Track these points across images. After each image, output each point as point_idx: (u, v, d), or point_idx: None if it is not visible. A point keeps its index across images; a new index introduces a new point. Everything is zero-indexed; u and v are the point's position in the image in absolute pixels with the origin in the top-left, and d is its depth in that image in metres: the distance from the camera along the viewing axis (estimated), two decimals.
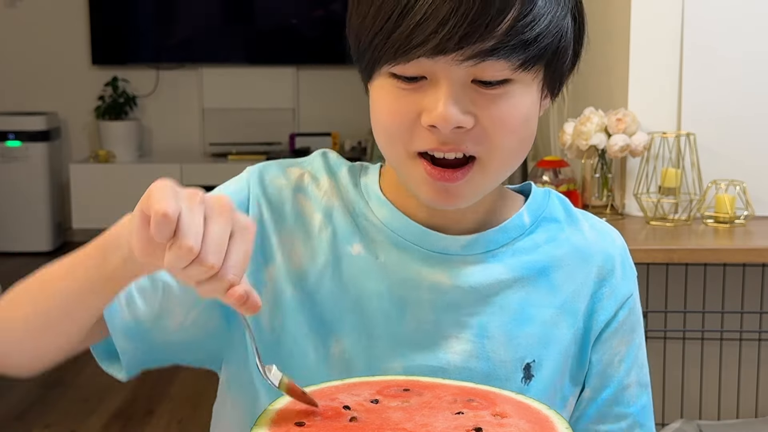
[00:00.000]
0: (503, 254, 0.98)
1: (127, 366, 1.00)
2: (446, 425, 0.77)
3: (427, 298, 0.96)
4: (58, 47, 6.15)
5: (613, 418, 1.02)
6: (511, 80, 0.87)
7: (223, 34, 6.18)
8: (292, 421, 0.77)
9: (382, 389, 0.85)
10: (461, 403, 0.82)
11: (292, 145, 6.02)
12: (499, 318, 0.97)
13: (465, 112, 0.87)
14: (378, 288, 0.96)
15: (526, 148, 0.93)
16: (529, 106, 0.90)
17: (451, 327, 0.97)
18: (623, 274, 1.03)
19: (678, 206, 2.36)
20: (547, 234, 1.01)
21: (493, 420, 0.79)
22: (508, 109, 0.88)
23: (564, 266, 1.00)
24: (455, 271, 0.97)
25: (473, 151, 0.89)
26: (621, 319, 1.01)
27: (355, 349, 0.96)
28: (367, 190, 1.00)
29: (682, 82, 2.45)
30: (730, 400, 2.49)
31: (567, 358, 0.99)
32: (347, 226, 0.98)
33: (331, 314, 0.97)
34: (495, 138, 0.88)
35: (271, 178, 1.00)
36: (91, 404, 3.58)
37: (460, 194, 0.91)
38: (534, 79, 0.89)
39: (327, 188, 1.00)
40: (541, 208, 1.02)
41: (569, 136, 2.47)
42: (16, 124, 5.84)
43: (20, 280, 0.96)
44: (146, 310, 0.97)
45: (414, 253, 0.97)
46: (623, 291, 1.02)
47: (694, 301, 2.44)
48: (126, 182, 5.81)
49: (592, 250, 1.02)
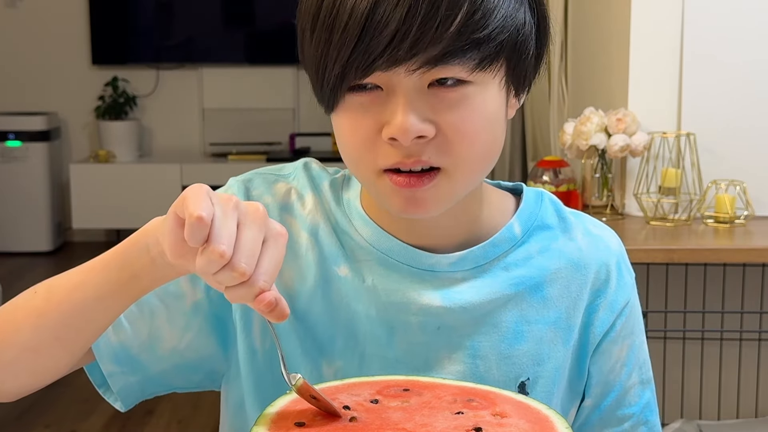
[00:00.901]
0: (494, 269, 0.95)
1: (120, 393, 0.98)
2: (446, 425, 0.77)
3: (416, 321, 0.94)
4: (58, 47, 6.15)
5: (617, 421, 1.01)
6: (468, 82, 0.84)
7: (223, 34, 6.18)
8: (292, 421, 0.77)
9: (382, 389, 0.85)
10: (461, 403, 0.82)
11: (292, 145, 6.02)
12: (492, 337, 0.95)
13: (424, 120, 0.83)
14: (366, 311, 0.95)
15: (494, 152, 0.89)
16: (492, 109, 0.86)
17: (443, 348, 0.95)
18: (619, 282, 1.00)
19: (678, 206, 2.36)
20: (539, 244, 0.98)
21: (493, 420, 0.79)
22: (468, 114, 0.85)
23: (558, 279, 0.97)
24: (444, 291, 0.94)
25: (437, 162, 0.85)
26: (619, 328, 0.99)
27: (347, 369, 0.95)
28: (350, 207, 0.98)
29: (682, 82, 2.45)
30: (730, 400, 2.49)
31: (563, 372, 0.98)
32: (333, 247, 0.96)
33: (322, 335, 0.96)
34: (458, 147, 0.85)
35: (258, 195, 0.98)
36: (91, 404, 3.58)
37: (428, 201, 0.88)
38: (494, 78, 0.86)
39: (311, 206, 0.98)
40: (533, 215, 0.99)
41: (569, 136, 2.47)
42: (16, 124, 5.84)
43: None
44: (133, 335, 0.96)
45: (402, 273, 0.94)
46: (620, 300, 0.99)
47: (694, 301, 2.44)
48: (126, 182, 5.81)
49: (586, 260, 0.98)
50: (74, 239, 6.22)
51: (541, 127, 3.86)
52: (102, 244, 6.18)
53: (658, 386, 2.45)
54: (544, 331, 0.96)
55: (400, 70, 0.82)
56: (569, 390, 1.00)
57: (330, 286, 0.96)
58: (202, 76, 6.19)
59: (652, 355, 2.47)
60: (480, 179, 0.92)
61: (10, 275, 5.23)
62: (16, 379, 0.91)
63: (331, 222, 0.97)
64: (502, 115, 0.89)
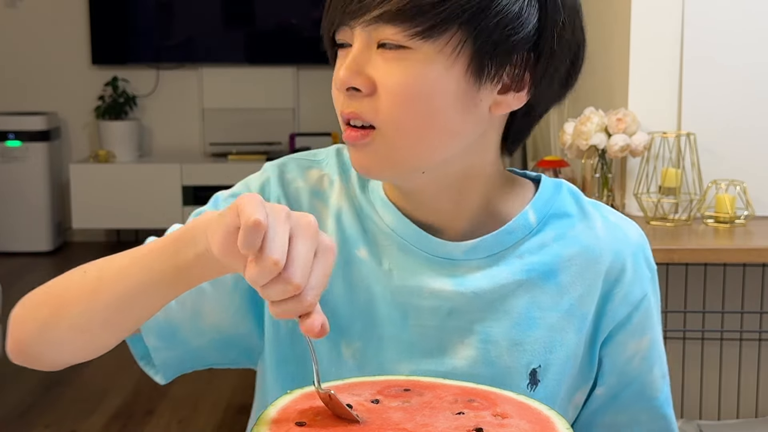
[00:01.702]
0: (508, 257, 0.96)
1: (161, 367, 1.00)
2: (447, 425, 0.77)
3: (429, 304, 0.96)
4: (58, 47, 6.15)
5: (637, 412, 1.01)
6: (408, 47, 0.86)
7: (223, 34, 6.18)
8: (292, 421, 0.77)
9: (383, 389, 0.85)
10: (462, 403, 0.82)
11: (292, 145, 6.02)
12: (504, 324, 0.96)
13: (360, 74, 0.87)
14: (383, 293, 0.96)
15: (432, 128, 0.89)
16: (430, 81, 0.86)
17: (455, 333, 0.96)
18: (636, 273, 0.99)
19: (678, 206, 2.36)
20: (555, 231, 0.98)
21: (494, 420, 0.79)
22: (402, 78, 0.87)
23: (572, 267, 0.97)
24: (459, 277, 0.96)
25: (370, 119, 0.88)
26: (636, 321, 0.99)
27: (366, 351, 0.97)
28: (373, 193, 1.00)
29: (682, 82, 2.45)
30: (730, 400, 2.49)
31: (575, 360, 0.98)
32: (354, 230, 0.98)
33: (342, 317, 0.97)
34: (387, 107, 0.87)
35: (291, 179, 1.01)
36: (91, 404, 3.58)
37: (368, 160, 0.91)
38: (445, 54, 0.86)
39: (338, 191, 1.00)
40: (550, 203, 0.99)
41: (569, 136, 2.47)
42: (16, 124, 5.84)
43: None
44: (179, 311, 0.97)
45: (418, 258, 0.96)
46: (636, 292, 0.99)
47: (694, 301, 2.44)
48: (126, 182, 5.81)
49: (602, 249, 0.98)
50: (74, 239, 6.22)
51: (541, 127, 3.86)
52: (102, 244, 6.18)
53: None
54: (557, 319, 0.96)
55: (357, 27, 0.87)
56: (579, 376, 0.99)
57: (350, 268, 0.97)
58: (202, 76, 6.19)
59: None
60: (420, 154, 0.91)
61: (10, 275, 5.23)
62: (60, 354, 0.93)
63: (355, 207, 0.99)
64: (443, 92, 0.87)
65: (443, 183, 0.95)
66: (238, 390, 3.70)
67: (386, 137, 0.89)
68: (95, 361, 1.04)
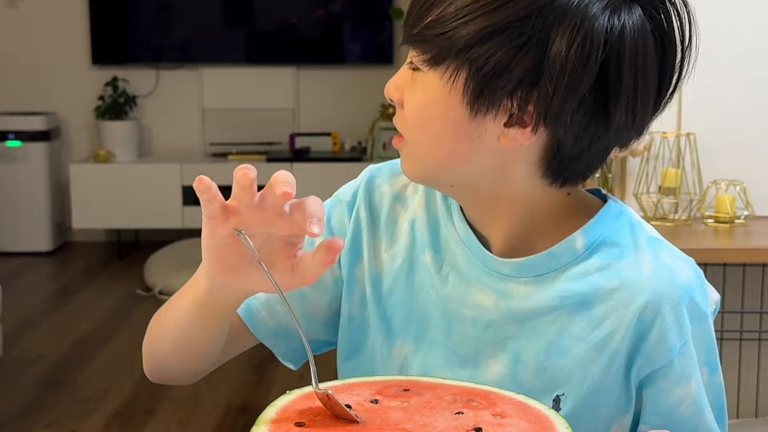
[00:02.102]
0: (550, 280, 0.96)
1: (285, 357, 1.10)
2: (446, 425, 0.77)
3: (470, 315, 0.99)
4: (58, 47, 6.15)
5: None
6: (422, 71, 0.92)
7: (223, 34, 6.18)
8: (292, 421, 0.77)
9: (382, 389, 0.85)
10: (461, 403, 0.82)
11: (292, 145, 6.02)
12: (534, 346, 0.96)
13: (397, 89, 0.95)
14: (436, 299, 1.01)
15: (440, 149, 0.93)
16: (433, 105, 0.92)
17: (490, 347, 0.98)
18: (676, 319, 0.94)
19: (678, 206, 2.36)
20: (600, 261, 0.96)
21: (493, 420, 0.79)
22: (414, 97, 0.94)
23: (608, 300, 0.95)
24: (501, 293, 0.98)
25: (401, 129, 0.96)
26: (678, 367, 0.95)
27: (415, 355, 1.02)
28: (452, 205, 1.03)
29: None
30: (730, 400, 2.49)
31: (604, 394, 0.96)
32: (426, 236, 1.03)
33: (399, 318, 1.03)
34: (407, 121, 0.95)
35: (379, 183, 1.07)
36: (91, 404, 3.58)
37: (405, 165, 0.98)
38: (441, 79, 0.90)
39: (420, 198, 1.06)
40: (603, 231, 0.97)
41: None
42: (16, 124, 5.84)
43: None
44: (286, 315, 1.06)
45: (475, 269, 1.00)
46: (673, 338, 0.94)
47: None
48: (126, 182, 5.80)
49: (642, 287, 0.94)
50: (74, 239, 6.22)
51: None
52: (102, 244, 6.18)
53: None
54: (585, 350, 0.95)
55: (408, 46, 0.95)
56: (615, 409, 0.98)
57: (414, 273, 1.03)
58: (202, 76, 6.19)
59: None
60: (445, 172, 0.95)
61: (10, 275, 5.23)
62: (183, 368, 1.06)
63: (432, 215, 1.04)
64: (458, 123, 0.91)
65: (475, 201, 0.98)
66: (238, 390, 3.70)
67: (410, 147, 0.96)
68: (95, 361, 1.05)
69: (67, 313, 4.81)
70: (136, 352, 4.49)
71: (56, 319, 4.71)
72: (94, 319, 4.64)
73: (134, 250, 5.94)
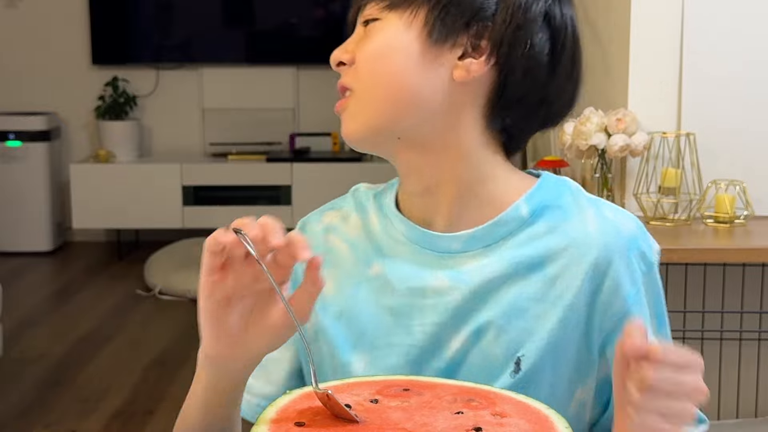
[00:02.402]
0: (501, 248, 1.00)
1: None
2: (446, 425, 0.77)
3: (431, 304, 1.00)
4: (58, 47, 6.15)
5: None
6: (378, 19, 0.99)
7: (223, 34, 6.18)
8: (292, 420, 0.78)
9: (382, 389, 0.85)
10: (461, 402, 0.82)
11: (292, 145, 6.02)
12: (493, 313, 0.99)
13: (347, 51, 1.01)
14: (390, 304, 1.02)
15: (395, 86, 0.98)
16: (391, 40, 0.98)
17: (451, 327, 1.00)
18: (627, 267, 0.99)
19: (678, 206, 2.36)
20: (547, 224, 1.00)
21: (493, 420, 0.79)
22: (371, 43, 0.99)
23: (560, 259, 0.99)
24: (455, 270, 1.00)
25: (349, 83, 1.01)
26: (634, 315, 0.98)
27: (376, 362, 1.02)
28: (387, 209, 1.07)
29: (682, 82, 2.45)
30: (730, 400, 2.49)
31: (563, 352, 0.98)
32: (368, 251, 1.06)
33: (353, 335, 1.05)
34: (360, 70, 0.99)
35: (310, 226, 1.12)
36: (91, 404, 3.58)
37: (348, 126, 1.01)
38: (400, 18, 0.97)
39: (354, 223, 1.09)
40: (545, 196, 1.02)
41: (569, 136, 2.47)
42: (16, 124, 5.84)
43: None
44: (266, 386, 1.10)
45: (425, 257, 1.02)
46: (627, 287, 0.99)
47: (693, 301, 2.44)
48: (126, 182, 5.80)
49: (590, 243, 0.99)
50: (74, 239, 6.21)
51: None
52: (102, 244, 6.18)
53: None
54: (543, 309, 0.98)
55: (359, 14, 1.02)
56: (576, 372, 1.00)
57: (364, 286, 1.05)
58: (202, 76, 6.19)
59: None
60: (397, 114, 0.98)
61: (10, 275, 5.23)
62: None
63: (369, 230, 1.07)
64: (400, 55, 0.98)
65: (421, 160, 1.01)
66: None
67: (359, 98, 1.00)
68: (95, 361, 1.05)
69: (67, 313, 4.81)
70: (136, 352, 4.50)
71: (56, 319, 4.71)
72: (94, 319, 4.64)
73: (134, 250, 5.93)
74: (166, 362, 3.96)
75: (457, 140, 1.00)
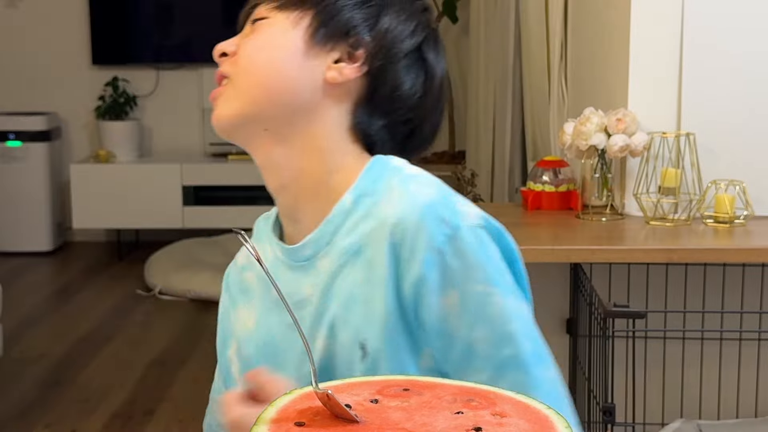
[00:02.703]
0: (334, 242, 1.06)
1: None
2: (446, 425, 0.77)
3: (305, 313, 1.06)
4: (58, 47, 6.15)
5: (473, 371, 0.99)
6: (266, 18, 1.08)
7: (223, 34, 6.14)
8: (292, 420, 0.78)
9: (382, 389, 0.85)
10: (461, 402, 0.82)
11: None
12: (336, 307, 1.03)
13: (232, 44, 1.10)
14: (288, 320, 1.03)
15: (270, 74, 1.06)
16: (274, 35, 1.07)
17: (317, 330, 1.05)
18: (423, 231, 0.99)
19: (678, 206, 2.36)
20: (363, 211, 1.05)
21: (493, 419, 0.79)
22: (255, 36, 1.08)
23: (373, 241, 1.02)
24: (313, 276, 1.06)
25: (227, 71, 1.08)
26: (432, 278, 0.99)
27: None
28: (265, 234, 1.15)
29: (682, 82, 2.45)
30: (730, 400, 2.49)
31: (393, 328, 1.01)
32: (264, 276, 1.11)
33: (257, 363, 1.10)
34: (240, 56, 1.07)
35: (228, 271, 1.20)
36: (91, 404, 3.58)
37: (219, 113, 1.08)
38: (287, 18, 1.07)
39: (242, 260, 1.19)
40: (365, 185, 1.06)
41: (569, 136, 2.47)
42: (16, 124, 5.84)
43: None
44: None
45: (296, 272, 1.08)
46: (423, 248, 0.99)
47: (693, 301, 2.44)
48: (126, 182, 5.81)
49: (389, 216, 1.02)
50: (74, 239, 6.22)
51: (540, 127, 3.86)
52: (102, 244, 6.18)
53: (658, 386, 2.46)
54: (369, 291, 1.02)
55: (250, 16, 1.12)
56: (414, 343, 1.01)
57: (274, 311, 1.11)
58: (202, 76, 6.19)
59: (652, 355, 2.47)
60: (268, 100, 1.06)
61: (10, 275, 5.24)
62: None
63: (266, 256, 1.12)
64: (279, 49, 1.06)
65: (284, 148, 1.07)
66: None
67: (235, 84, 1.06)
68: (95, 361, 1.06)
69: (67, 313, 4.81)
70: (136, 352, 4.50)
71: (56, 319, 4.71)
72: (94, 319, 4.65)
73: (134, 250, 5.94)
74: (166, 362, 3.96)
75: (318, 135, 1.07)
